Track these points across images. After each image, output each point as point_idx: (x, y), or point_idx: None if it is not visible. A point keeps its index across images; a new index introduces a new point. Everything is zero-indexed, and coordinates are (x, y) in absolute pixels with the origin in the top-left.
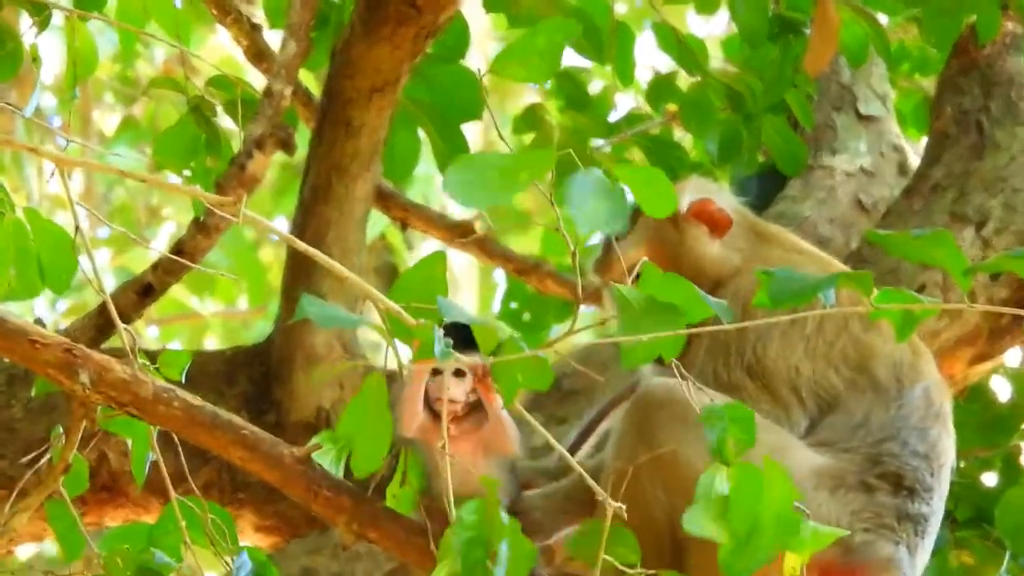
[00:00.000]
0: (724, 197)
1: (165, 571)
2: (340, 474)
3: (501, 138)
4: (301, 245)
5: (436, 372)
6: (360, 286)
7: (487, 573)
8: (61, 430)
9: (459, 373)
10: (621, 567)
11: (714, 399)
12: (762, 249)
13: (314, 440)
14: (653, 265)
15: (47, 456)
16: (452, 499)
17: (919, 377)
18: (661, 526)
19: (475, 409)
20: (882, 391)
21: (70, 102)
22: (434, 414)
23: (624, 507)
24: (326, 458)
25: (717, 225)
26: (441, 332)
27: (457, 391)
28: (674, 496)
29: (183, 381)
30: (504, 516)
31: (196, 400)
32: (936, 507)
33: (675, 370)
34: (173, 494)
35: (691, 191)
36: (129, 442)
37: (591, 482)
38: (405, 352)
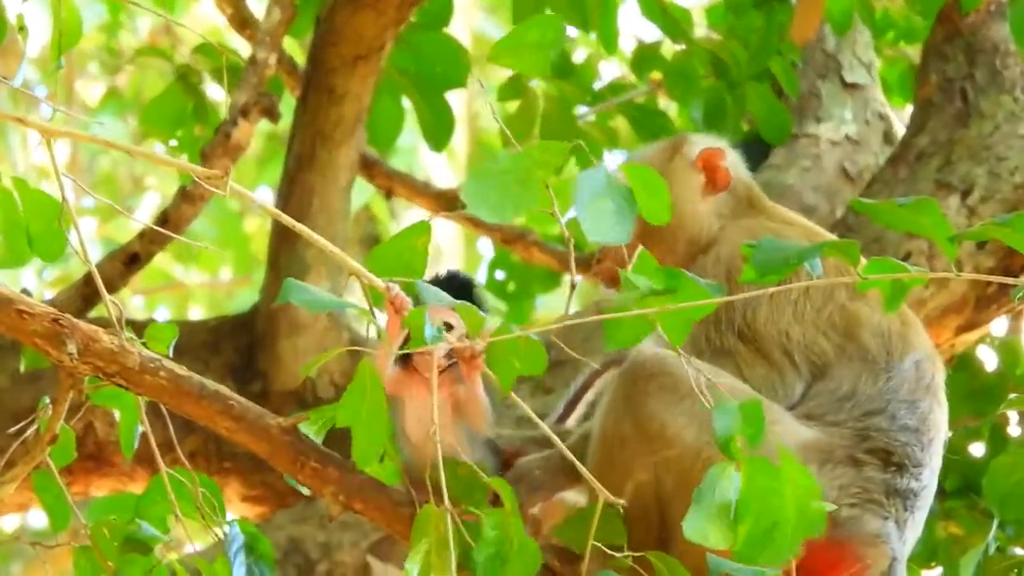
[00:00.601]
0: (736, 161)
1: (152, 543)
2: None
3: (493, 116)
4: (286, 219)
5: None
6: (343, 261)
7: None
8: (48, 401)
9: (446, 326)
10: (608, 551)
11: (704, 371)
12: (746, 219)
13: (300, 414)
14: (648, 254)
15: (34, 426)
16: (441, 468)
17: (909, 348)
18: (648, 498)
19: (454, 364)
20: (870, 361)
21: (55, 72)
22: (407, 367)
23: (622, 504)
24: (311, 429)
25: (715, 181)
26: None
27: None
28: (661, 469)
29: (169, 354)
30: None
31: (182, 370)
32: (927, 481)
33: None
34: (162, 465)
35: (708, 141)
36: (116, 412)
37: (582, 469)
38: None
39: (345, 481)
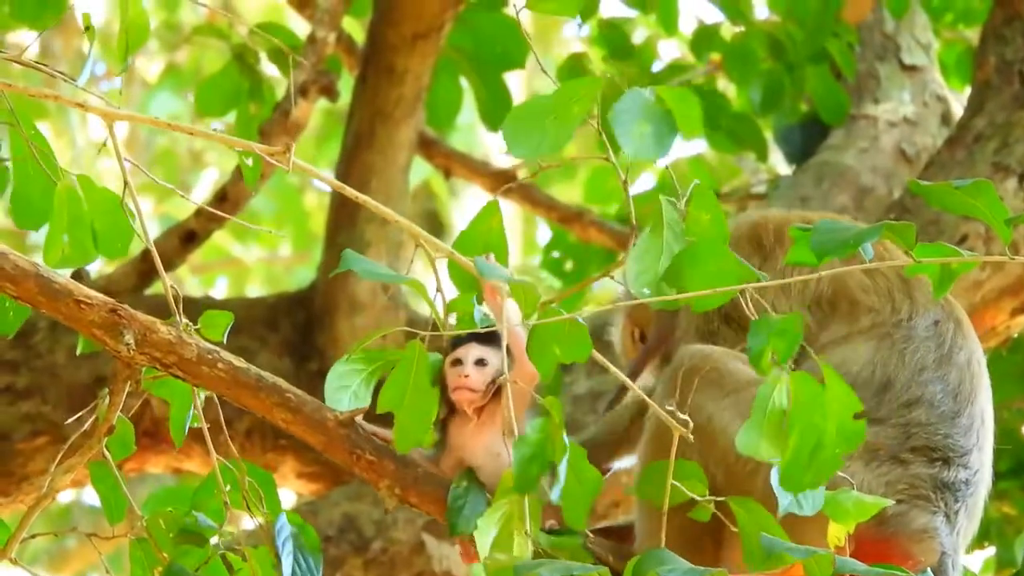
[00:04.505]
0: None
1: (208, 534)
2: (369, 398)
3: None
4: (351, 192)
5: (455, 362)
6: (411, 229)
7: (541, 487)
8: (107, 391)
9: (480, 363)
10: (692, 495)
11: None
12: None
13: (342, 360)
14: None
15: (94, 414)
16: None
17: (918, 308)
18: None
19: (496, 392)
20: (878, 325)
21: (122, 72)
22: (452, 409)
23: (690, 428)
24: (355, 380)
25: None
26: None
27: (478, 379)
28: (709, 462)
29: (224, 340)
30: (566, 439)
31: (240, 362)
32: (977, 465)
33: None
34: (215, 456)
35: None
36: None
37: (661, 413)
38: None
39: (401, 474)
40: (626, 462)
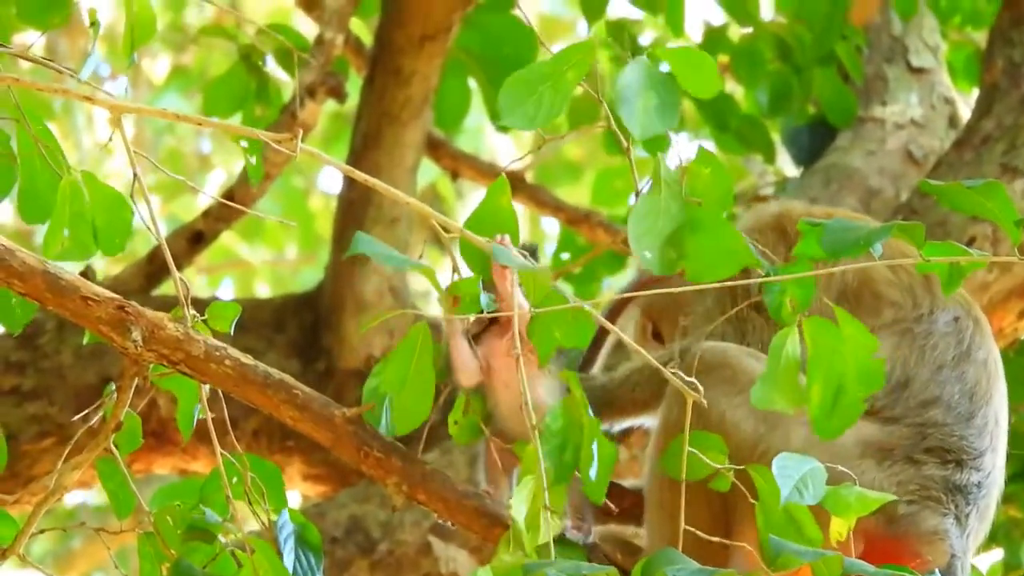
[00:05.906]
0: None
1: (216, 530)
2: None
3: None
4: (360, 175)
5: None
6: (421, 208)
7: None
8: (113, 388)
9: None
10: (713, 464)
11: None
12: None
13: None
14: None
15: (100, 412)
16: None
17: (939, 303)
18: (709, 488)
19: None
20: (899, 321)
21: (127, 68)
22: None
23: (703, 393)
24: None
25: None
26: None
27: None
28: None
29: (231, 332)
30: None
31: (247, 359)
32: (989, 468)
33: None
34: (219, 450)
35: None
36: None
37: (670, 376)
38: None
39: (409, 471)
40: (620, 426)
